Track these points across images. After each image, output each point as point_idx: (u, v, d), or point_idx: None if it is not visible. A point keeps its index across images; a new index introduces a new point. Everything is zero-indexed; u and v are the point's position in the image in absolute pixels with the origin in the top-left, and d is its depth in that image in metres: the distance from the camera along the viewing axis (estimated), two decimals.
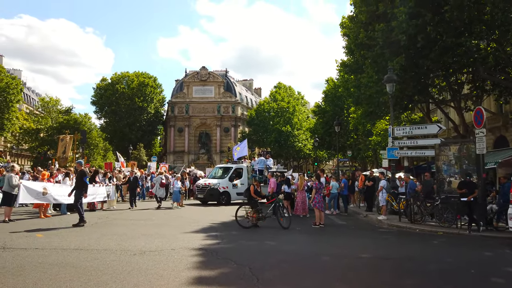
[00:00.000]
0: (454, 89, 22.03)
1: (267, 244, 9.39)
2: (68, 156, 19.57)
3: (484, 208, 11.61)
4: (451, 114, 28.55)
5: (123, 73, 59.47)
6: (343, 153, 44.50)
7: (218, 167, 24.29)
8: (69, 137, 20.34)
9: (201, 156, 59.29)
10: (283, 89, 59.15)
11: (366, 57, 20.46)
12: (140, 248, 8.14)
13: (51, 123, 51.54)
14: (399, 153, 15.05)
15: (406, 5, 16.39)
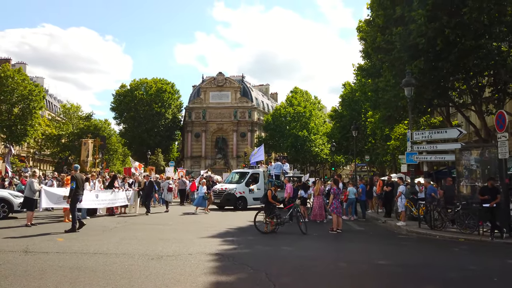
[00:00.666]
0: (475, 92, 21.53)
1: (284, 249, 9.35)
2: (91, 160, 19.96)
3: (508, 214, 11.26)
4: (472, 118, 27.86)
5: (142, 80, 60.50)
6: (361, 158, 43.98)
7: (234, 172, 24.36)
8: (91, 141, 20.78)
9: (218, 161, 59.60)
10: (300, 93, 59.06)
11: (384, 61, 20.25)
12: (158, 253, 8.21)
13: (72, 129, 52.73)
14: (418, 157, 14.79)
15: (424, 7, 16.19)
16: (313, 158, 56.89)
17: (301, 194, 16.08)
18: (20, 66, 46.57)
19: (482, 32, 15.70)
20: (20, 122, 40.81)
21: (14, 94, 40.20)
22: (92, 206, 14.81)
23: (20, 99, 40.66)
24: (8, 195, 13.92)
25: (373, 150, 39.60)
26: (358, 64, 27.26)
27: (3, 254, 7.73)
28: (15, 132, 40.36)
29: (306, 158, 55.97)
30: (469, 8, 14.82)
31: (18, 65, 49.44)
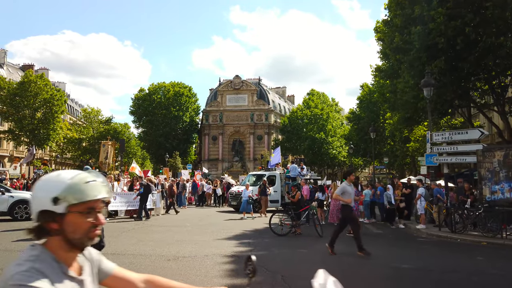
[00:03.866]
0: (497, 92, 20.95)
1: (300, 252, 9.27)
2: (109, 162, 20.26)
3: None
4: (495, 119, 27.13)
5: (160, 84, 61.32)
6: (379, 160, 43.34)
7: (251, 175, 24.35)
8: (111, 144, 21.10)
9: (235, 164, 59.74)
10: (316, 96, 58.70)
11: (402, 61, 19.93)
12: (174, 254, 8.26)
13: (93, 132, 53.82)
14: (438, 159, 14.45)
15: (444, 6, 15.87)
16: (330, 161, 56.36)
17: (318, 197, 15.94)
18: (43, 72, 47.78)
19: (504, 30, 15.29)
20: (43, 126, 41.86)
21: (37, 99, 41.28)
22: (109, 208, 15.01)
23: (42, 104, 41.73)
24: (30, 197, 14.25)
25: (392, 152, 38.98)
26: (376, 65, 26.94)
27: None
28: (38, 136, 41.42)
29: (324, 160, 55.49)
30: (493, 4, 14.44)
31: (41, 71, 50.77)
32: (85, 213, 1.33)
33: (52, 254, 1.33)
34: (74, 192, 1.31)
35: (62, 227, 1.32)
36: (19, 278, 1.21)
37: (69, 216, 1.32)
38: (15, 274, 1.22)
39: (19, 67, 60.49)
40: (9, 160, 51.62)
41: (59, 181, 1.33)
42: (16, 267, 1.26)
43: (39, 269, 1.26)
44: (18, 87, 41.04)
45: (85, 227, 1.34)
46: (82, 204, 1.31)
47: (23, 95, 40.45)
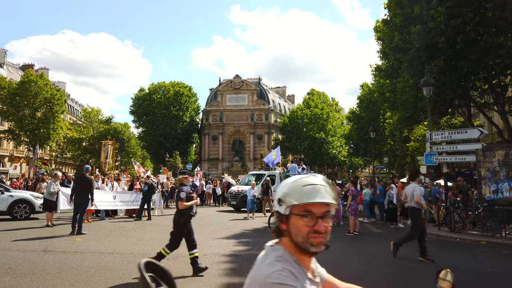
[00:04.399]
0: (497, 91, 20.93)
1: None
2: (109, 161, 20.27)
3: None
4: (495, 119, 27.10)
5: (160, 83, 61.28)
6: (379, 159, 43.33)
7: (251, 174, 24.36)
8: (111, 143, 21.12)
9: (235, 164, 59.73)
10: (317, 95, 58.68)
11: (402, 60, 19.92)
12: (173, 253, 8.21)
13: (93, 132, 53.82)
14: (437, 159, 14.44)
15: (444, 5, 15.86)
16: (330, 160, 56.35)
17: None
18: (43, 72, 47.77)
19: (504, 30, 15.27)
20: (43, 126, 41.89)
21: (37, 99, 41.31)
22: (109, 207, 15.01)
23: (43, 104, 41.75)
24: (30, 197, 14.28)
25: (392, 152, 38.98)
26: (376, 65, 26.90)
27: (23, 253, 7.91)
28: (38, 136, 41.43)
29: (324, 160, 55.46)
30: (493, 4, 14.42)
31: (41, 71, 50.77)
32: (302, 215, 1.33)
33: (291, 255, 1.36)
34: (293, 194, 1.34)
35: (288, 229, 1.36)
36: (277, 277, 1.24)
37: (291, 218, 1.35)
38: (272, 272, 1.25)
39: (19, 66, 60.51)
40: (9, 159, 51.64)
41: (285, 184, 1.39)
42: (269, 266, 1.29)
43: (290, 270, 1.29)
44: (18, 87, 41.06)
45: (304, 231, 1.33)
46: (300, 206, 1.33)
47: (23, 94, 40.48)
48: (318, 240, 1.34)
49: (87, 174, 11.77)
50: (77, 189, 11.29)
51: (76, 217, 10.83)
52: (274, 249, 1.37)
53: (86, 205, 11.32)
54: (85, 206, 11.25)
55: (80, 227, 10.81)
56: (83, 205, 11.10)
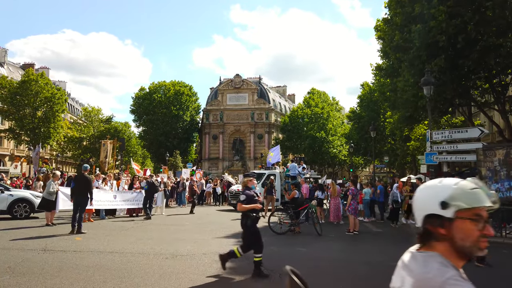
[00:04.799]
0: (498, 91, 20.89)
1: (299, 250, 9.25)
2: (109, 161, 20.24)
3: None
4: (495, 118, 27.04)
5: (160, 83, 61.25)
6: (380, 159, 43.30)
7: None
8: (110, 142, 21.09)
9: (235, 163, 59.72)
10: (317, 94, 58.65)
11: (402, 60, 19.90)
12: (173, 252, 8.26)
13: (93, 131, 53.83)
14: (437, 158, 14.42)
15: (445, 4, 15.82)
16: (331, 160, 56.33)
17: (318, 196, 15.92)
18: (43, 71, 47.77)
19: (505, 29, 15.23)
20: (43, 125, 41.92)
21: (37, 98, 41.36)
22: (109, 207, 15.00)
23: (43, 103, 41.80)
24: (30, 196, 14.28)
25: (392, 151, 38.95)
26: (376, 64, 26.86)
27: (22, 253, 7.91)
28: (38, 135, 41.46)
29: (324, 159, 55.45)
30: (493, 3, 14.38)
31: (41, 70, 50.80)
32: (474, 220, 1.31)
33: (449, 261, 1.34)
34: (463, 197, 1.31)
35: (450, 233, 1.33)
36: (455, 283, 1.23)
37: (457, 222, 1.32)
38: (448, 278, 1.24)
39: (19, 66, 60.54)
40: (9, 159, 51.67)
41: (445, 186, 1.35)
42: (441, 271, 1.27)
43: (460, 275, 1.29)
44: (18, 86, 41.09)
45: (474, 235, 1.31)
46: (470, 210, 1.31)
47: (23, 94, 40.51)
48: (485, 244, 1.33)
49: (86, 173, 11.75)
50: (76, 188, 11.26)
51: (76, 216, 10.82)
52: (431, 255, 1.34)
53: (86, 204, 11.31)
54: (85, 205, 11.24)
55: (80, 226, 10.81)
56: (83, 204, 11.09)
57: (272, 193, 18.43)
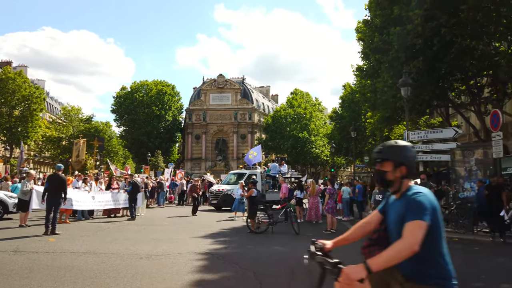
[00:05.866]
0: (474, 92, 21.45)
1: (276, 249, 9.30)
2: (82, 160, 19.91)
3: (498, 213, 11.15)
4: (472, 119, 27.77)
5: (142, 82, 60.55)
6: (361, 159, 43.86)
7: (232, 173, 24.35)
8: (83, 141, 20.76)
9: (218, 163, 59.54)
10: (300, 95, 59.01)
11: (382, 61, 20.18)
12: (148, 252, 8.19)
13: (73, 131, 52.85)
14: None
15: (422, 7, 16.13)
16: (313, 160, 56.74)
17: (297, 195, 16.02)
18: (21, 69, 46.69)
19: (479, 32, 15.63)
20: (20, 124, 40.94)
21: (14, 97, 40.36)
22: (88, 207, 14.76)
23: (20, 101, 40.81)
24: (3, 196, 13.92)
25: (373, 151, 39.50)
26: (357, 65, 27.19)
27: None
28: (15, 134, 40.47)
29: (307, 159, 55.84)
30: (468, 6, 14.74)
31: (19, 68, 49.60)
32: None
33: None
34: None
35: None
36: None
37: None
38: None
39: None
40: None
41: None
42: None
43: None
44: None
45: None
46: None
47: (0, 92, 39.47)
48: None
49: (60, 173, 11.53)
50: (49, 188, 11.04)
51: (49, 217, 10.60)
52: None
53: (59, 204, 11.10)
54: (58, 205, 11.03)
55: (54, 227, 10.60)
56: (56, 204, 10.87)
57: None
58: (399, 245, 2.15)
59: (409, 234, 2.14)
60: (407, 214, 2.21)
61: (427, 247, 2.19)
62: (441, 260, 2.27)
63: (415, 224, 2.14)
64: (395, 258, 2.14)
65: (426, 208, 2.20)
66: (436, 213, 2.24)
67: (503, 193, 10.83)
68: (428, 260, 2.24)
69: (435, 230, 2.23)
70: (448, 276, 2.27)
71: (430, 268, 2.24)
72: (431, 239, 2.21)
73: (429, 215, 2.18)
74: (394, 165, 2.42)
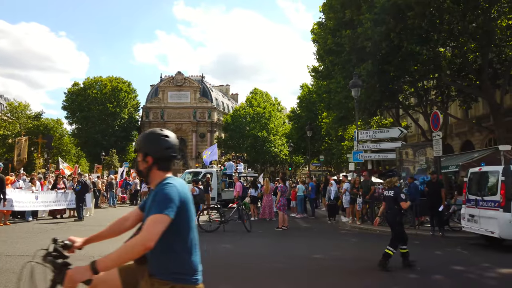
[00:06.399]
0: (421, 94, 22.58)
1: (224, 247, 9.29)
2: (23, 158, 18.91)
3: (437, 209, 11.82)
4: (420, 120, 29.27)
5: (96, 78, 58.27)
6: (318, 158, 44.89)
7: (187, 172, 24.07)
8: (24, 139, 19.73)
9: (176, 162, 58.65)
10: (259, 94, 59.35)
11: (335, 63, 20.75)
12: (84, 253, 7.86)
13: (20, 128, 49.95)
14: (363, 156, 15.28)
15: (372, 11, 16.75)
16: (272, 159, 57.31)
17: (251, 193, 16.12)
18: None
19: (424, 38, 16.46)
20: None
21: None
22: (30, 208, 14.01)
23: None
24: None
25: (329, 151, 40.54)
26: (313, 66, 27.79)
27: None
28: None
29: (266, 158, 56.29)
30: (414, 13, 15.48)
31: None
32: None
33: None
34: None
35: None
36: None
37: None
38: None
39: None
40: None
41: None
42: None
43: None
44: None
45: None
46: None
47: None
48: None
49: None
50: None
51: None
52: None
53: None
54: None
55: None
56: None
57: (208, 191, 18.36)
58: (134, 240, 2.03)
59: (146, 229, 2.02)
60: (152, 207, 2.11)
61: (171, 241, 2.11)
62: (186, 255, 2.19)
63: (155, 218, 2.03)
64: (128, 255, 2.01)
65: (171, 201, 2.08)
66: (185, 207, 2.16)
67: (442, 190, 11.51)
68: (171, 255, 2.15)
69: (182, 224, 2.15)
70: (190, 271, 2.20)
71: (172, 263, 2.15)
72: (176, 233, 2.12)
73: (173, 208, 2.06)
74: (142, 155, 2.32)
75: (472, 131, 26.80)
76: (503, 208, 8.61)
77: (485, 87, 17.30)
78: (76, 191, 14.54)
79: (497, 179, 8.92)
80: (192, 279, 2.19)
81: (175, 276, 2.14)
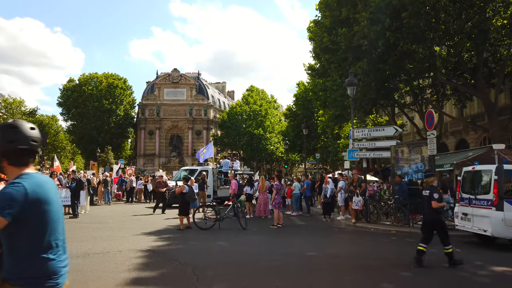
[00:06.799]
0: (416, 93, 22.68)
1: (219, 245, 9.33)
2: None
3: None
4: (416, 119, 29.40)
5: (92, 74, 57.98)
6: (314, 156, 44.97)
7: (183, 169, 24.05)
8: None
9: (172, 159, 58.57)
10: (256, 92, 59.29)
11: (331, 61, 20.79)
12: (85, 251, 7.92)
13: None
14: (358, 154, 15.33)
15: (368, 10, 16.79)
16: (268, 156, 57.34)
17: (247, 191, 16.15)
18: None
19: (420, 36, 16.53)
20: None
21: None
22: None
23: None
24: None
25: (325, 148, 40.63)
26: (309, 64, 27.79)
27: None
28: None
29: (262, 156, 56.30)
30: (409, 13, 15.54)
31: None
32: None
33: None
34: None
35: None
36: None
37: None
38: None
39: None
40: None
41: None
42: None
43: None
44: None
45: None
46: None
47: None
48: None
49: None
50: None
51: None
52: None
53: None
54: None
55: None
56: None
57: (204, 189, 18.38)
58: None
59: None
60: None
61: (23, 244, 2.04)
62: (42, 258, 2.08)
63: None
64: None
65: (9, 202, 1.95)
66: (38, 207, 2.06)
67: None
68: (23, 259, 2.05)
69: (35, 226, 2.05)
70: (47, 274, 2.09)
71: (25, 267, 2.05)
72: (29, 235, 2.04)
73: (11, 210, 1.94)
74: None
75: (467, 130, 26.96)
76: (495, 206, 8.70)
77: (480, 86, 17.41)
78: (71, 189, 14.52)
79: (490, 178, 9.00)
80: (50, 283, 2.08)
81: (29, 281, 2.04)
